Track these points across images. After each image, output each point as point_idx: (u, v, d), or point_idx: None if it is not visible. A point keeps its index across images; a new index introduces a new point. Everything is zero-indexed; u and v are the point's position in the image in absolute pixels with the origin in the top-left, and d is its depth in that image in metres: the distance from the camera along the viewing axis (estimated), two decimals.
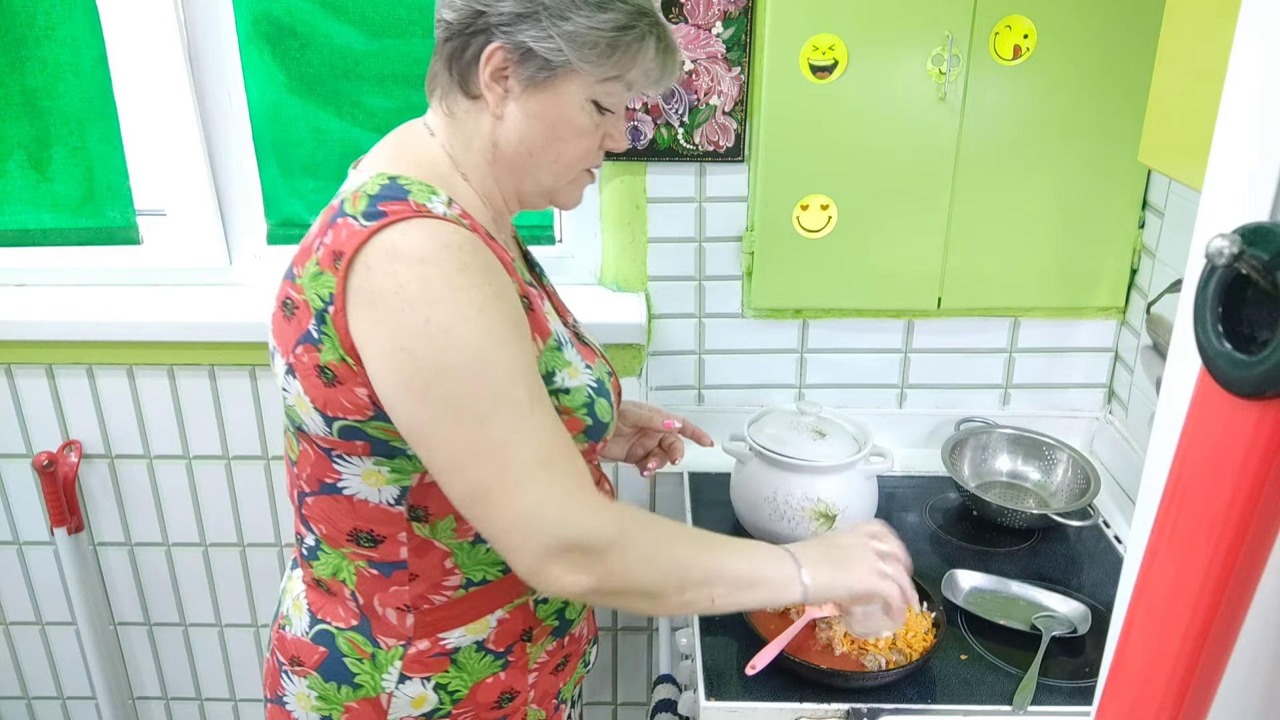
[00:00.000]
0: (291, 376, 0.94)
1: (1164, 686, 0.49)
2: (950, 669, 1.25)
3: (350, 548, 1.01)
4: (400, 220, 0.88)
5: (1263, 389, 0.43)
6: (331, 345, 0.90)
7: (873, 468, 1.47)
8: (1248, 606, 0.47)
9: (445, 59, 0.99)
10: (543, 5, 0.93)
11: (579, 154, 1.02)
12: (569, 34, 0.94)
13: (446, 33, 0.97)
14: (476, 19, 0.95)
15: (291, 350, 0.93)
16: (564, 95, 0.97)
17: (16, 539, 1.84)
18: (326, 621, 1.04)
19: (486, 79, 0.96)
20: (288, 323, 0.93)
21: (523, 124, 0.98)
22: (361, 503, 0.98)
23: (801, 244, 1.59)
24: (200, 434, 1.75)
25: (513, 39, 0.94)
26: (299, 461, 1.01)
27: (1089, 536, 1.54)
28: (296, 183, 1.71)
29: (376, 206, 0.89)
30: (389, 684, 1.02)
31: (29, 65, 1.63)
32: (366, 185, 0.93)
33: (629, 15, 0.96)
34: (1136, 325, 1.63)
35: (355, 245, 0.87)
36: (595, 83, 0.98)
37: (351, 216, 0.90)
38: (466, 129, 1.00)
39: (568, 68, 0.95)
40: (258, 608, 1.89)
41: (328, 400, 0.92)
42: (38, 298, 1.71)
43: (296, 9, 1.60)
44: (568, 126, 0.99)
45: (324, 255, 0.90)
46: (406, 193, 0.91)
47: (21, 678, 1.97)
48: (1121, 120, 1.51)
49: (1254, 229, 0.43)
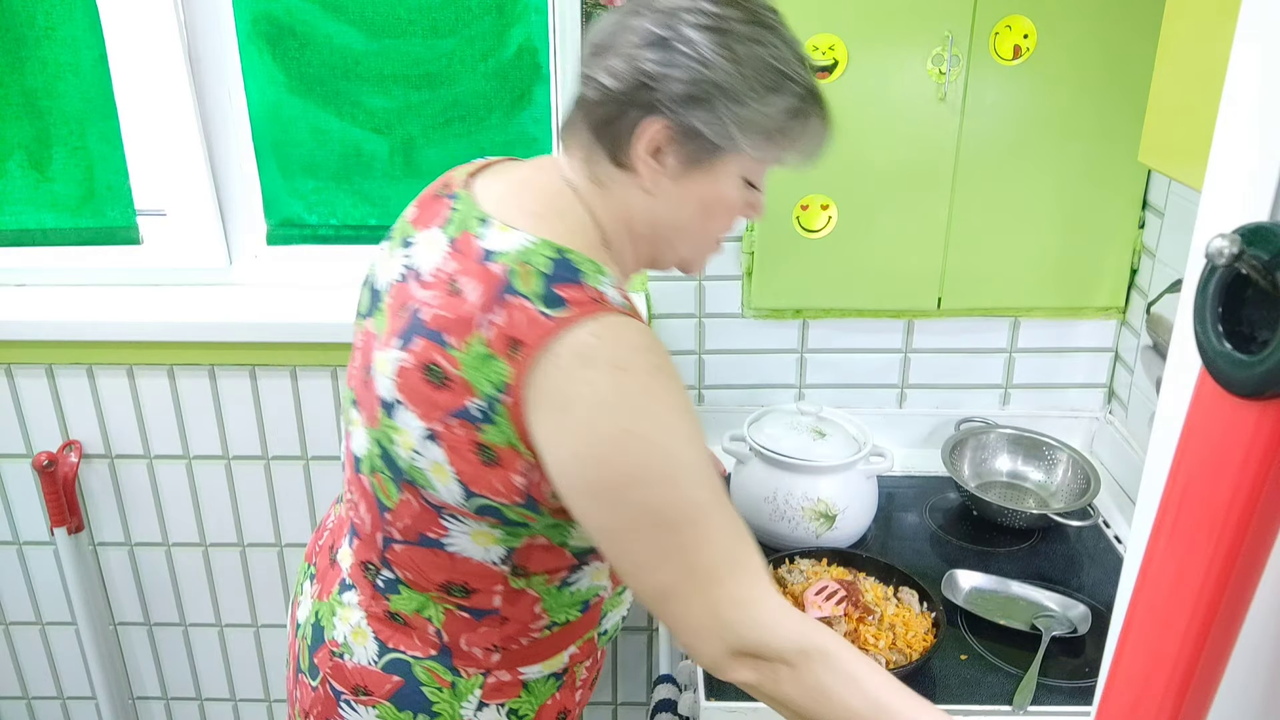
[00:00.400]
0: (433, 443, 0.89)
1: (1164, 686, 0.49)
2: (950, 669, 1.25)
3: (438, 593, 0.98)
4: (586, 316, 0.84)
5: (1263, 389, 0.43)
6: (501, 431, 0.86)
7: (873, 468, 1.47)
8: (1248, 606, 0.47)
9: (594, 122, 0.93)
10: (717, 88, 0.88)
11: (723, 227, 1.00)
12: (741, 119, 0.90)
13: (601, 96, 0.91)
14: (639, 91, 0.89)
15: (441, 420, 0.88)
16: (721, 175, 0.94)
17: (16, 539, 1.84)
18: (400, 650, 1.01)
19: (642, 153, 0.91)
20: (434, 390, 0.88)
21: (675, 201, 0.94)
22: (464, 560, 0.95)
23: (801, 244, 1.59)
24: (200, 434, 1.75)
25: (679, 119, 0.89)
26: (396, 510, 0.96)
27: (1089, 536, 1.54)
28: (296, 183, 1.71)
29: (554, 291, 0.85)
30: (468, 712, 1.01)
31: (29, 65, 1.63)
32: (533, 258, 0.87)
33: (799, 98, 0.92)
34: (1136, 325, 1.63)
35: (539, 340, 0.83)
36: (753, 162, 0.95)
37: (527, 299, 0.84)
38: (613, 197, 0.95)
39: (732, 150, 0.92)
40: (258, 608, 1.89)
41: (478, 477, 0.89)
42: (38, 298, 1.71)
43: (296, 9, 1.60)
44: (719, 204, 0.96)
45: (495, 338, 0.84)
46: (579, 274, 0.87)
47: (21, 678, 1.97)
48: (1121, 120, 1.51)
49: (1254, 229, 0.43)
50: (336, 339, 1.64)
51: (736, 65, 0.88)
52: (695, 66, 0.88)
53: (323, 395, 1.71)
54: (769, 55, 0.90)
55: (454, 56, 1.63)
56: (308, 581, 1.13)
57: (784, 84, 0.91)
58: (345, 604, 1.05)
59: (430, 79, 1.64)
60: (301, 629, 1.10)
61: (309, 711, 1.08)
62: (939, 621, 1.26)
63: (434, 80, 1.64)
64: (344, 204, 1.73)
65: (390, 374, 0.91)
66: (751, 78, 0.89)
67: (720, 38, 0.88)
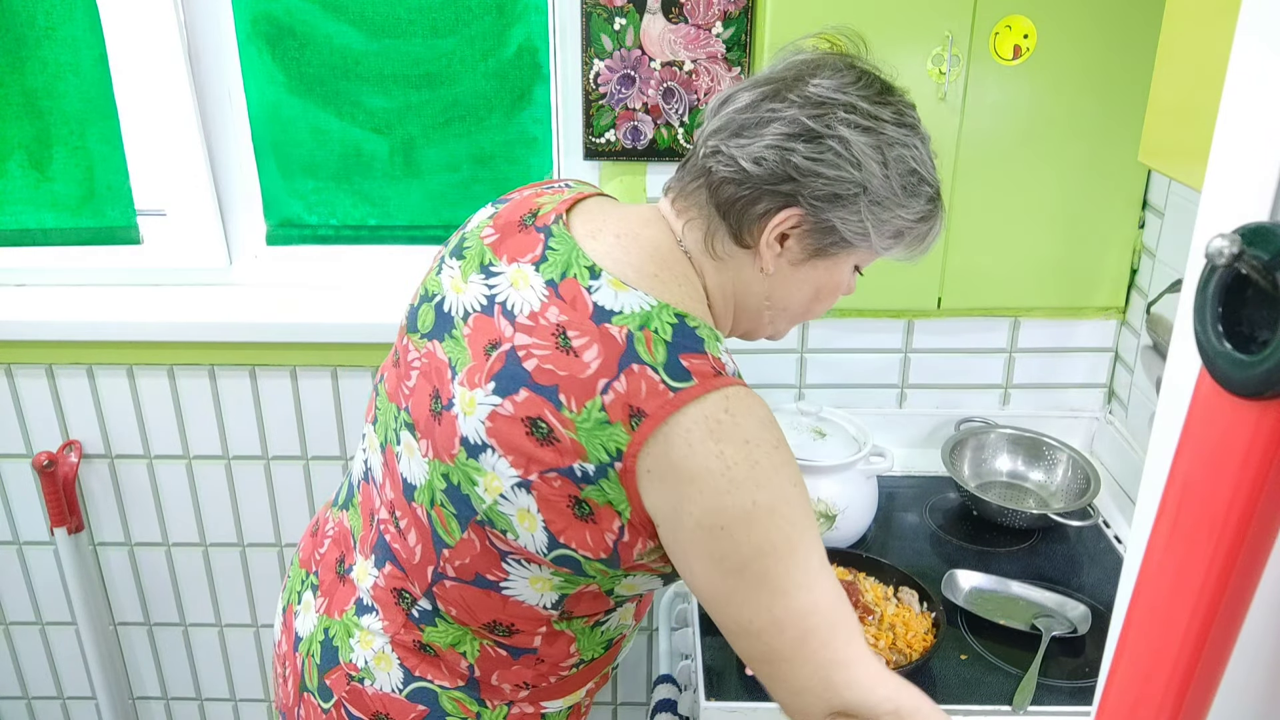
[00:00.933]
0: (524, 491, 0.87)
1: (1164, 686, 0.49)
2: (950, 669, 1.25)
3: (483, 629, 0.98)
4: (712, 390, 0.83)
5: (1263, 389, 0.42)
6: (604, 490, 0.85)
7: (873, 468, 1.47)
8: (1248, 607, 0.47)
9: (723, 200, 0.91)
10: (864, 190, 0.88)
11: (825, 309, 1.00)
12: (879, 220, 0.90)
13: (737, 177, 0.89)
14: (783, 183, 0.88)
15: (539, 473, 0.86)
16: (840, 266, 0.95)
17: (16, 539, 1.84)
18: (427, 679, 1.00)
19: (770, 238, 0.90)
20: (537, 445, 0.86)
21: (791, 285, 0.94)
22: (516, 603, 0.95)
23: None
24: (200, 434, 1.75)
25: (818, 214, 0.89)
26: (456, 548, 0.93)
27: (1089, 536, 1.53)
28: (296, 183, 1.71)
29: (679, 360, 0.84)
30: None
31: (29, 65, 1.63)
32: (654, 322, 0.86)
33: (931, 201, 0.93)
34: (1136, 325, 1.63)
35: (664, 412, 0.82)
36: (871, 254, 0.95)
37: (652, 369, 0.84)
38: (726, 270, 0.94)
39: (863, 246, 0.92)
40: (258, 608, 1.89)
41: (568, 530, 0.88)
42: (38, 298, 1.71)
43: (296, 9, 1.60)
44: (831, 290, 0.97)
45: (615, 403, 0.83)
46: (701, 342, 0.86)
47: (21, 678, 1.97)
48: (1121, 120, 1.51)
49: (1254, 229, 0.43)
50: (336, 339, 1.64)
51: (884, 168, 0.88)
52: (846, 168, 0.87)
53: (323, 395, 1.71)
54: (912, 158, 0.90)
55: (454, 56, 1.63)
56: (309, 592, 1.10)
57: (921, 187, 0.92)
58: (365, 628, 1.02)
59: (430, 79, 1.64)
60: (305, 644, 1.07)
61: None
62: (939, 621, 1.26)
63: (434, 80, 1.64)
64: (344, 204, 1.73)
65: (481, 416, 0.88)
66: (895, 180, 0.89)
67: (873, 139, 0.88)
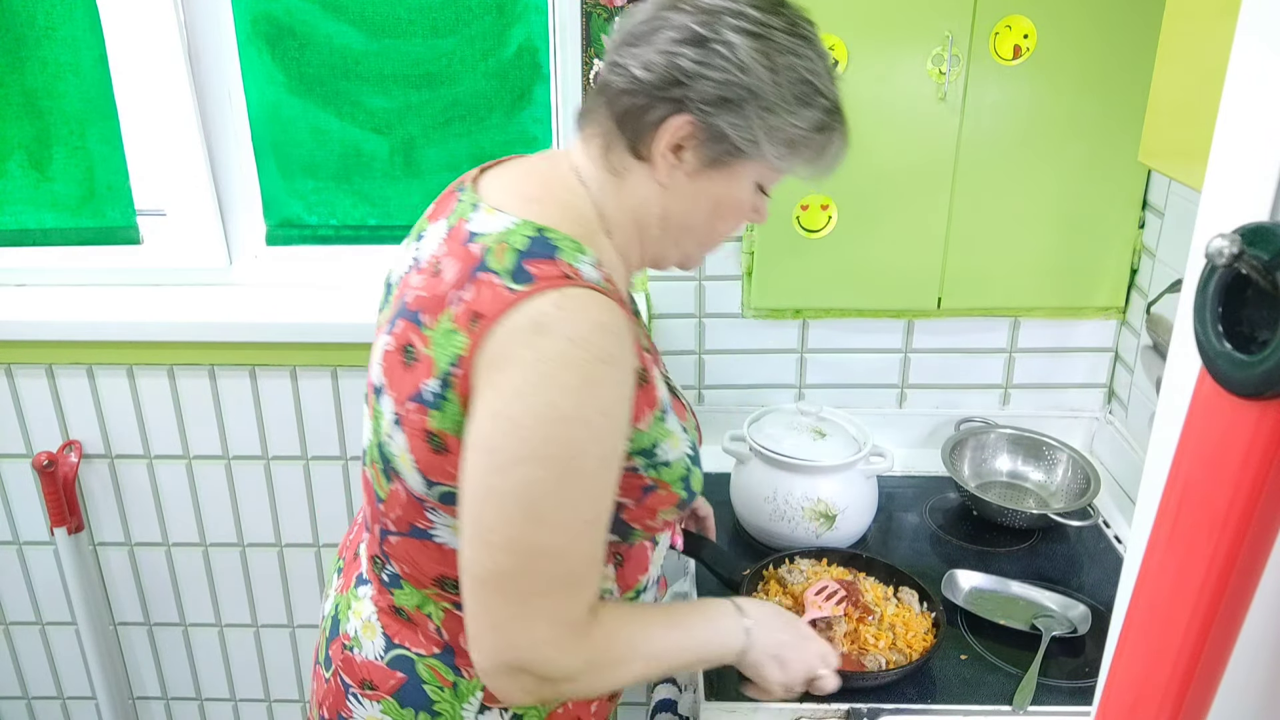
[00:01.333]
0: (398, 428, 0.90)
1: (1164, 686, 0.49)
2: (950, 669, 1.25)
3: (434, 589, 0.98)
4: (550, 288, 0.83)
5: (1263, 389, 0.43)
6: (449, 412, 0.86)
7: (873, 468, 1.47)
8: (1248, 606, 0.47)
9: (619, 112, 0.92)
10: (750, 93, 0.88)
11: (729, 229, 1.00)
12: (770, 128, 0.90)
13: (631, 86, 0.91)
14: (672, 87, 0.89)
15: (404, 403, 0.89)
16: (738, 178, 0.95)
17: (16, 539, 1.84)
18: (405, 647, 1.01)
19: (664, 148, 0.91)
20: (406, 370, 0.89)
21: (688, 198, 0.95)
22: (451, 551, 0.95)
23: (801, 244, 1.59)
24: (200, 434, 1.75)
25: (707, 119, 0.89)
26: (388, 500, 0.96)
27: (1089, 536, 1.54)
28: (296, 183, 1.71)
29: (523, 266, 0.84)
30: (469, 714, 1.00)
31: (29, 65, 1.63)
32: (512, 237, 0.87)
33: (827, 113, 0.93)
34: (1136, 325, 1.63)
35: (498, 311, 0.83)
36: (770, 170, 0.96)
37: (496, 275, 0.84)
38: (625, 188, 0.95)
39: (754, 156, 0.92)
40: (258, 608, 1.89)
41: (431, 465, 0.89)
42: (38, 298, 1.71)
43: (296, 9, 1.60)
44: (731, 206, 0.97)
45: (461, 313, 0.85)
46: (555, 250, 0.86)
47: (21, 678, 1.97)
48: (1121, 120, 1.51)
49: (1254, 229, 0.43)
50: (336, 339, 1.64)
51: (773, 74, 0.89)
52: (732, 70, 0.88)
53: (323, 395, 1.71)
54: (804, 67, 0.91)
55: (454, 56, 1.63)
56: (335, 575, 1.14)
57: (815, 98, 0.92)
58: (360, 598, 1.05)
59: (430, 79, 1.64)
60: (325, 622, 1.11)
61: (322, 703, 1.08)
62: (939, 621, 1.26)
63: (434, 80, 1.64)
64: (344, 204, 1.73)
65: (379, 359, 0.94)
66: (785, 88, 0.89)
67: (760, 44, 0.89)
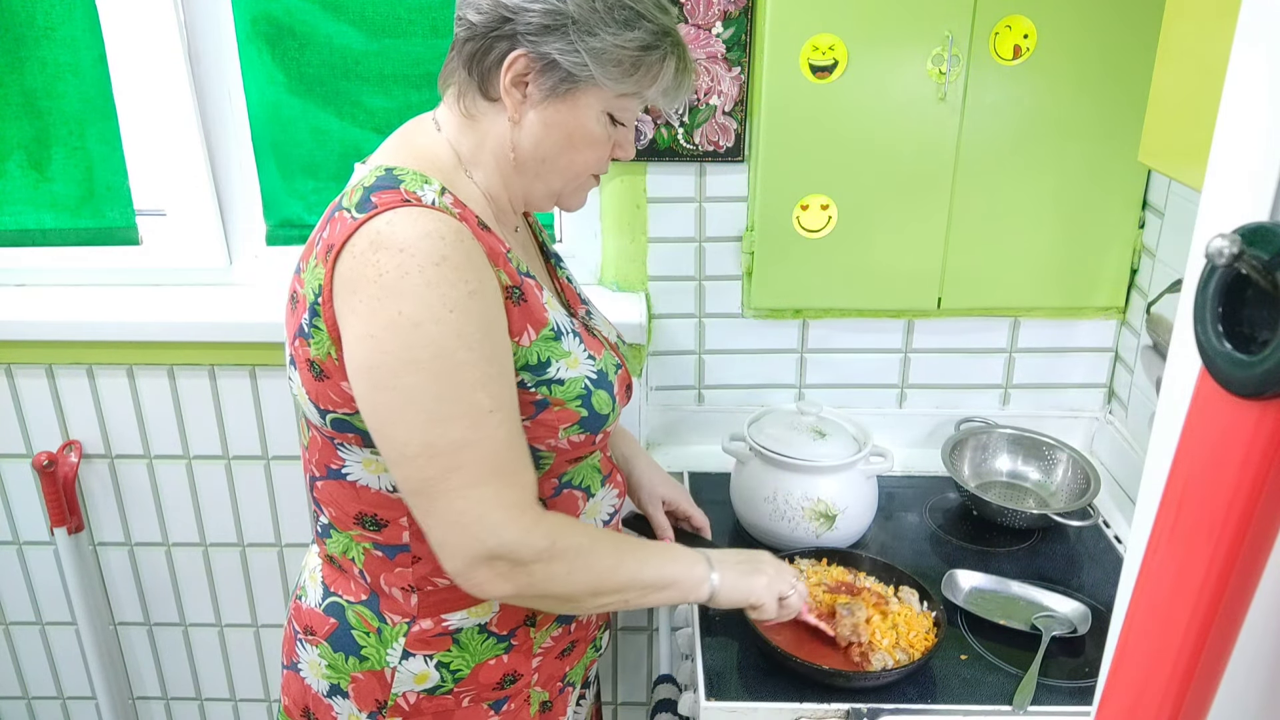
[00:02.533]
0: (293, 367, 0.99)
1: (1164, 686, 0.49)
2: (950, 669, 1.25)
3: (357, 530, 1.04)
4: (387, 210, 0.90)
5: (1263, 389, 0.43)
6: (320, 340, 0.93)
7: (873, 468, 1.47)
8: (1248, 606, 0.47)
9: (465, 58, 0.99)
10: (571, 20, 0.94)
11: (590, 162, 1.04)
12: (594, 50, 0.95)
13: (469, 33, 0.98)
14: (502, 25, 0.96)
15: (292, 342, 0.98)
16: (582, 107, 0.99)
17: (16, 539, 1.84)
18: (338, 594, 1.08)
19: (507, 84, 0.97)
20: (291, 314, 0.98)
21: (539, 131, 1.00)
22: (364, 488, 1.02)
23: (801, 244, 1.59)
24: (200, 434, 1.75)
25: (537, 49, 0.95)
26: (309, 446, 1.05)
27: (1089, 536, 1.54)
28: (296, 183, 1.71)
29: (369, 198, 0.92)
30: (393, 659, 1.05)
31: (29, 65, 1.63)
32: (365, 179, 0.96)
33: (653, 35, 0.98)
34: (1136, 325, 1.63)
35: (344, 236, 0.90)
36: (613, 97, 1.00)
37: (346, 210, 0.93)
38: (480, 129, 1.01)
39: (589, 82, 0.97)
40: (258, 608, 1.89)
41: (319, 394, 0.96)
42: (38, 298, 1.71)
43: (296, 9, 1.60)
44: (583, 136, 1.01)
45: (320, 249, 0.93)
46: (399, 182, 0.94)
47: (21, 678, 1.97)
48: (1121, 120, 1.51)
49: (1254, 229, 0.43)
50: None
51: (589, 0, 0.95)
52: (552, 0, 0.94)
53: None
54: None
55: None
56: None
57: (637, 21, 0.97)
58: (311, 552, 1.15)
59: (430, 79, 1.64)
60: None
61: (283, 649, 1.17)
62: (939, 621, 1.26)
63: (434, 80, 1.64)
64: None
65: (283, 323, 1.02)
66: (603, 12, 0.95)
67: None
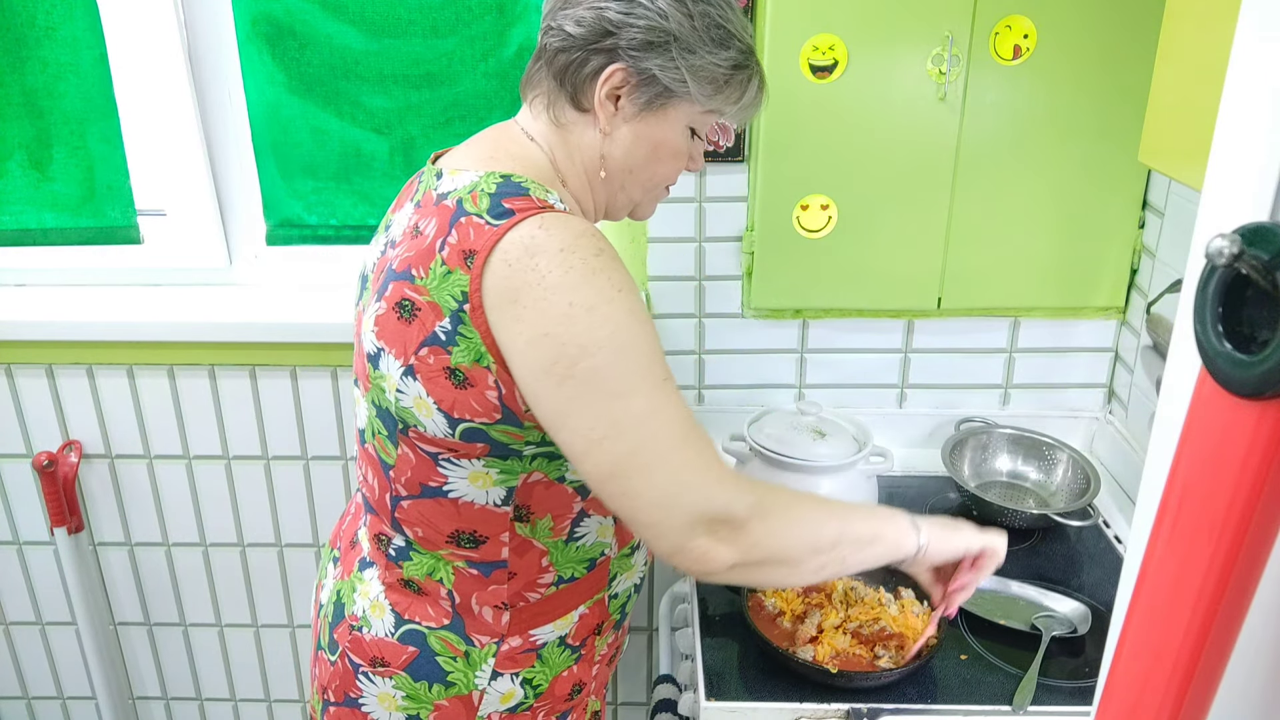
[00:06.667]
0: (411, 378, 0.94)
1: (1164, 686, 0.49)
2: (950, 669, 1.25)
3: (449, 548, 1.02)
4: (531, 215, 0.90)
5: (1263, 389, 0.42)
6: (468, 346, 0.90)
7: (873, 468, 1.47)
8: (1248, 606, 0.47)
9: (558, 69, 1.01)
10: (673, 37, 0.97)
11: (670, 173, 1.08)
12: (693, 67, 0.99)
13: (565, 44, 0.99)
14: (603, 39, 0.98)
15: (413, 352, 0.93)
16: (671, 121, 1.03)
17: (16, 539, 1.84)
18: (415, 621, 1.05)
19: (602, 97, 0.99)
20: (406, 325, 0.93)
21: (629, 143, 1.03)
22: (466, 504, 1.00)
23: (801, 244, 1.59)
24: (200, 434, 1.75)
25: (638, 64, 0.98)
26: (396, 465, 1.01)
27: (1089, 536, 1.53)
28: (296, 183, 1.71)
29: (502, 204, 0.91)
30: (482, 681, 1.04)
31: (29, 65, 1.63)
32: (481, 184, 0.94)
33: (742, 55, 1.02)
34: (1136, 325, 1.63)
35: (489, 243, 0.89)
36: (699, 112, 1.03)
37: (477, 215, 0.91)
38: (571, 139, 1.03)
39: (683, 97, 1.01)
40: (258, 608, 1.89)
41: (455, 402, 0.93)
42: (38, 298, 1.71)
43: (296, 9, 1.60)
44: (668, 149, 1.04)
45: (451, 255, 0.90)
46: (526, 190, 0.93)
47: (21, 678, 1.97)
48: (1121, 120, 1.51)
49: (1254, 229, 0.43)
50: (336, 339, 1.64)
51: (690, 19, 0.98)
52: (654, 17, 0.97)
53: (323, 395, 1.71)
54: (717, 14, 1.01)
55: (454, 56, 1.63)
56: (330, 565, 1.17)
57: (730, 40, 1.01)
58: (365, 579, 1.09)
59: (430, 79, 1.64)
60: (324, 609, 1.14)
61: (327, 687, 1.11)
62: (939, 621, 1.26)
63: (434, 80, 1.64)
64: (343, 204, 1.73)
65: (371, 328, 0.98)
66: (702, 31, 0.99)
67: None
